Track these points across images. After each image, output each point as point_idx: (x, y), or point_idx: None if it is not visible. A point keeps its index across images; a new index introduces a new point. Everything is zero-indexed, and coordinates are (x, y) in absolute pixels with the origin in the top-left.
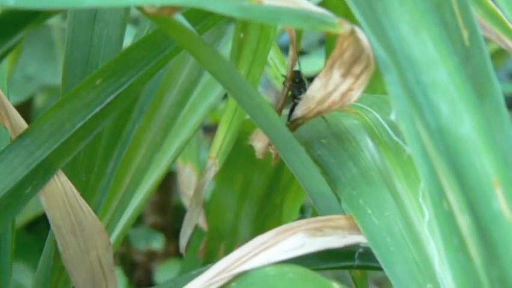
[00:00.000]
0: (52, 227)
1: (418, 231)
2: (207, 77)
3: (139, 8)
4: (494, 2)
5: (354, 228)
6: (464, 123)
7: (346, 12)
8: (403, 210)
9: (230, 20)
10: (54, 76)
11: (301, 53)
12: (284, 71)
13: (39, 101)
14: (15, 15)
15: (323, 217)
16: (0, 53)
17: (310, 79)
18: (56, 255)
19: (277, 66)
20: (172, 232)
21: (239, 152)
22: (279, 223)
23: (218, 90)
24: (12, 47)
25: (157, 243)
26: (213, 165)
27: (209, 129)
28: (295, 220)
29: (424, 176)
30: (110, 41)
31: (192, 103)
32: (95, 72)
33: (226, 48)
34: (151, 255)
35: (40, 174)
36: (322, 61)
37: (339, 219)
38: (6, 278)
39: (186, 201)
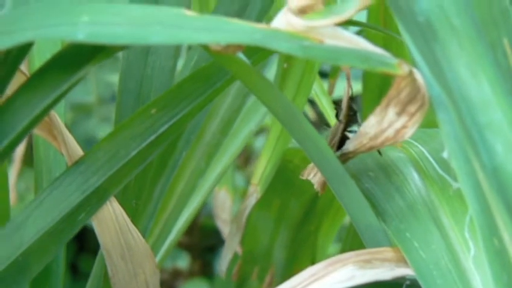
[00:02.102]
0: (103, 251)
1: (464, 265)
2: (247, 105)
3: (204, 46)
4: None
5: (401, 261)
6: None
7: (385, 43)
8: (449, 244)
9: None
10: (84, 94)
11: (322, 74)
12: (324, 97)
13: (68, 118)
14: (82, 49)
15: (372, 249)
16: (66, 86)
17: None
18: (105, 278)
19: (318, 95)
20: (198, 251)
21: (277, 178)
22: (313, 249)
23: (258, 117)
24: (77, 80)
25: (183, 262)
26: (255, 192)
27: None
28: (329, 247)
29: (476, 212)
30: (162, 72)
31: (234, 131)
32: (149, 102)
33: (268, 77)
34: (176, 274)
35: (94, 201)
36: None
37: (387, 252)
38: None
39: (221, 224)
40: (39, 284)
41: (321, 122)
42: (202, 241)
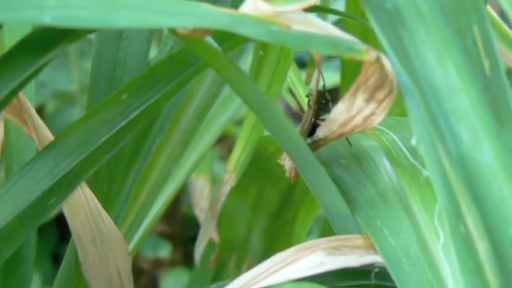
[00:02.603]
0: (73, 236)
1: (433, 253)
2: (225, 92)
3: (172, 30)
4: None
5: (370, 248)
6: (484, 151)
7: (363, 33)
8: (419, 232)
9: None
10: (67, 83)
11: (302, 64)
12: (301, 87)
13: (51, 107)
14: (51, 32)
15: (341, 236)
16: (34, 68)
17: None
18: (76, 264)
19: (294, 83)
20: (179, 240)
21: (253, 166)
22: (290, 238)
23: (235, 105)
24: (46, 62)
25: (164, 251)
26: (230, 180)
27: (219, 139)
28: (306, 235)
29: (443, 200)
30: (135, 56)
31: (210, 118)
32: (121, 87)
33: (245, 64)
34: (158, 263)
35: (64, 186)
36: (333, 75)
37: (357, 239)
38: (29, 285)
39: (199, 213)
40: (10, 269)
41: (302, 112)
42: (184, 230)
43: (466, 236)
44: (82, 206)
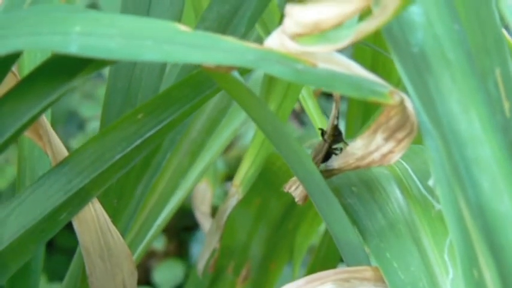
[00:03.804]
0: (82, 250)
1: None
2: (234, 104)
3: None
4: None
5: (379, 281)
6: (504, 201)
7: (373, 57)
8: (428, 266)
9: None
10: None
11: None
12: (312, 102)
13: None
14: (74, 60)
15: (351, 268)
16: (56, 95)
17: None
18: (83, 277)
19: (305, 99)
20: (173, 232)
21: (259, 178)
22: (290, 247)
23: (242, 117)
24: (67, 91)
25: (158, 242)
26: (236, 194)
27: None
28: (307, 249)
29: (457, 242)
30: (151, 73)
31: (219, 130)
32: (137, 106)
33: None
34: (151, 254)
35: (76, 202)
36: None
37: (366, 271)
38: None
39: (199, 216)
40: (17, 282)
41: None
42: (178, 222)
43: (478, 281)
44: (92, 221)
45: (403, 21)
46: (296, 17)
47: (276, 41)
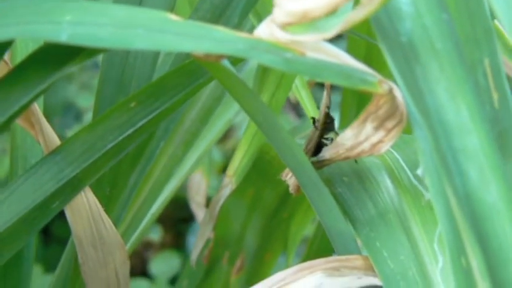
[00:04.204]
0: (74, 239)
1: (431, 277)
2: (228, 95)
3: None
4: None
5: (369, 270)
6: (491, 191)
7: (367, 50)
8: (418, 255)
9: None
10: None
11: None
12: (305, 92)
13: None
14: (66, 48)
15: (341, 257)
16: (48, 83)
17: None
18: (75, 266)
19: (299, 89)
20: (169, 224)
21: (254, 168)
22: (285, 237)
23: (236, 106)
24: (58, 78)
25: (155, 234)
26: (229, 184)
27: None
28: (301, 240)
29: (446, 232)
30: (145, 61)
31: (213, 119)
32: (130, 95)
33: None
34: (147, 245)
35: (68, 190)
36: None
37: (356, 260)
38: (27, 284)
39: (194, 207)
40: (10, 270)
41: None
42: (175, 213)
43: (466, 269)
44: (84, 210)
45: (391, 11)
46: (285, 6)
47: (266, 30)
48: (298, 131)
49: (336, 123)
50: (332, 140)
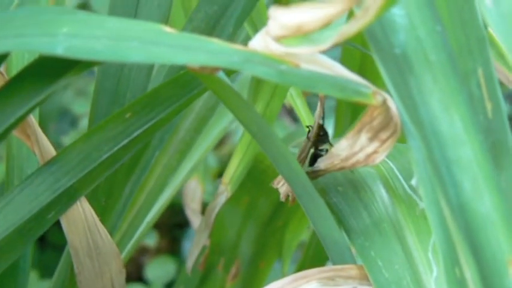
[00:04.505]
0: (70, 249)
1: (425, 286)
2: (222, 104)
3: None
4: None
5: (364, 279)
6: (484, 202)
7: (361, 64)
8: (413, 265)
9: None
10: None
11: None
12: (300, 101)
13: None
14: (62, 61)
15: (336, 266)
16: (44, 95)
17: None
18: (71, 276)
19: (293, 98)
20: (165, 229)
21: (248, 176)
22: (280, 244)
23: (231, 115)
24: (54, 91)
25: (151, 239)
26: (225, 191)
27: None
28: (297, 246)
29: (439, 241)
30: (140, 72)
31: (207, 128)
32: (125, 106)
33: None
34: (143, 251)
35: (64, 200)
36: None
37: (351, 269)
38: None
39: (190, 214)
40: (5, 280)
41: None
42: (170, 218)
43: (460, 279)
44: (80, 220)
45: (385, 23)
46: (279, 19)
47: (261, 42)
48: (293, 137)
49: (331, 130)
50: (327, 151)
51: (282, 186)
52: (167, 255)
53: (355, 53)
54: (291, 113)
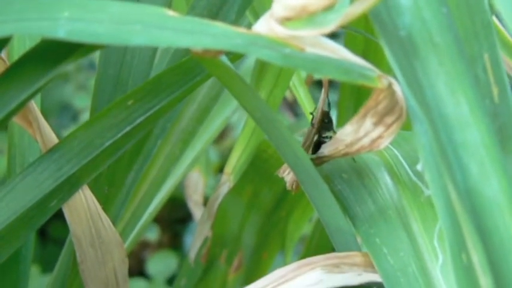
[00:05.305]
0: (72, 238)
1: (431, 273)
2: (225, 92)
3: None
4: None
5: (369, 266)
6: (491, 185)
7: (365, 49)
8: (418, 252)
9: None
10: None
11: None
12: (303, 90)
13: None
14: (63, 45)
15: (341, 254)
16: (45, 80)
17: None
18: (74, 265)
19: (296, 87)
20: (166, 224)
21: (251, 166)
22: (283, 236)
23: (233, 105)
24: (57, 76)
25: (152, 234)
26: (227, 182)
27: None
28: (299, 239)
29: (446, 227)
30: (142, 59)
31: (210, 118)
32: (127, 93)
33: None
34: (145, 245)
35: (66, 188)
36: None
37: (356, 256)
38: (25, 284)
39: (192, 206)
40: (7, 269)
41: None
42: (172, 213)
43: (467, 265)
44: (82, 209)
45: (390, 4)
46: (284, 0)
47: (264, 25)
48: (294, 129)
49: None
50: (331, 138)
51: (287, 175)
52: (169, 249)
53: (358, 39)
54: (292, 108)
